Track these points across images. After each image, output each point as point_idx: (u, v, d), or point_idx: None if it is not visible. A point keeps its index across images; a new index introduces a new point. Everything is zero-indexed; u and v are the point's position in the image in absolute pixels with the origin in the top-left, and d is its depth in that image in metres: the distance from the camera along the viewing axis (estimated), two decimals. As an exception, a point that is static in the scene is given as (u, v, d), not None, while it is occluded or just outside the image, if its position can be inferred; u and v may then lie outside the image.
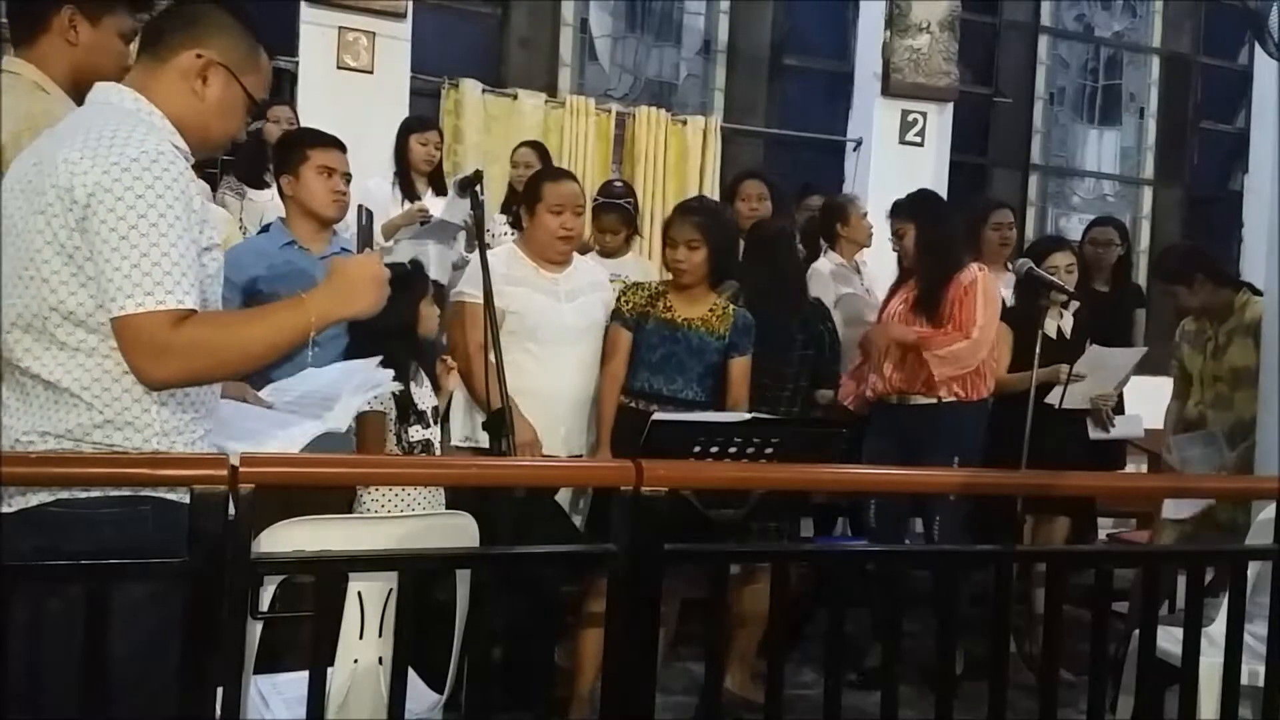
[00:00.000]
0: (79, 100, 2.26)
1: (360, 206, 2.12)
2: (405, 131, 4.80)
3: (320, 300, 1.76)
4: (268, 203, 4.17)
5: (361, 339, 2.91)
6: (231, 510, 1.64)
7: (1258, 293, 4.13)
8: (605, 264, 4.34)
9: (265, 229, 3.41)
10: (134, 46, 2.38)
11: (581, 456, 3.40)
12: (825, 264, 4.73)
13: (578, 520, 3.35)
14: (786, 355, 3.75)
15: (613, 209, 4.37)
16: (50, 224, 1.63)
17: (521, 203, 3.35)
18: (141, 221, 1.60)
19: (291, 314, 1.73)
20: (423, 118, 5.13)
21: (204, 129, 1.81)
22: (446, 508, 2.91)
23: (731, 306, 3.58)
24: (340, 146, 3.17)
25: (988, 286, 3.94)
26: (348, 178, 3.17)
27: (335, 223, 3.17)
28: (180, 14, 1.86)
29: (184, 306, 1.62)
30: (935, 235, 4.02)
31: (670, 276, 3.59)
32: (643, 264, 4.44)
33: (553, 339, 3.35)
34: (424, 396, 3.11)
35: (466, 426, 3.44)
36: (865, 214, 4.89)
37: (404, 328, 3.04)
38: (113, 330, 1.62)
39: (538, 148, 5.03)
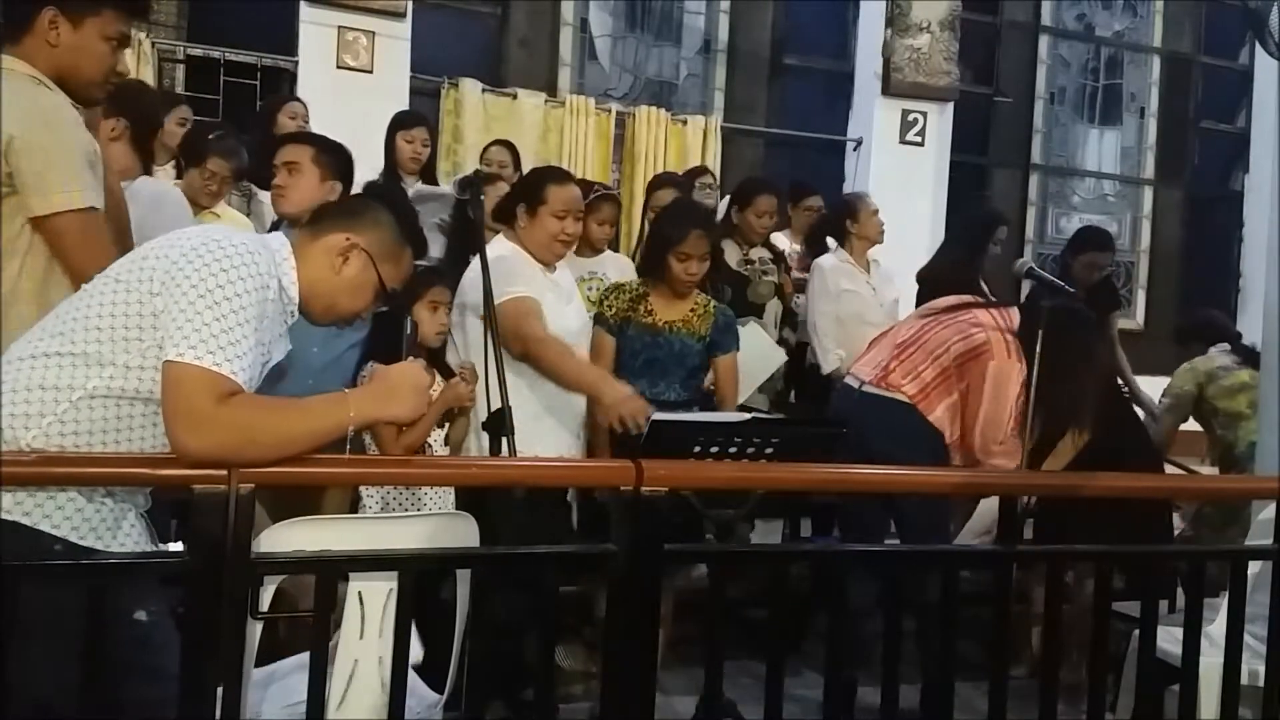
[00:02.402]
0: (75, 94, 2.29)
1: (407, 319, 2.18)
2: (393, 128, 4.61)
3: (361, 400, 1.86)
4: None
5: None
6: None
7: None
8: (582, 263, 4.31)
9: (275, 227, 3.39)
10: (129, 54, 2.42)
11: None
12: (828, 260, 4.71)
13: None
14: None
15: (609, 199, 4.36)
16: (138, 276, 1.73)
17: (521, 200, 3.31)
18: (220, 291, 1.70)
19: (333, 410, 1.81)
20: (411, 113, 4.89)
21: (331, 300, 1.96)
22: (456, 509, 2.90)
23: (712, 303, 3.56)
24: (314, 142, 3.14)
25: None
26: None
27: None
28: (346, 203, 2.13)
29: (235, 379, 1.68)
30: None
31: (642, 280, 3.57)
32: (620, 262, 4.38)
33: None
34: None
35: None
36: (876, 211, 4.85)
37: (396, 327, 3.05)
38: (163, 378, 1.67)
39: (510, 147, 4.90)
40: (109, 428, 1.74)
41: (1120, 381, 4.89)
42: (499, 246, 3.24)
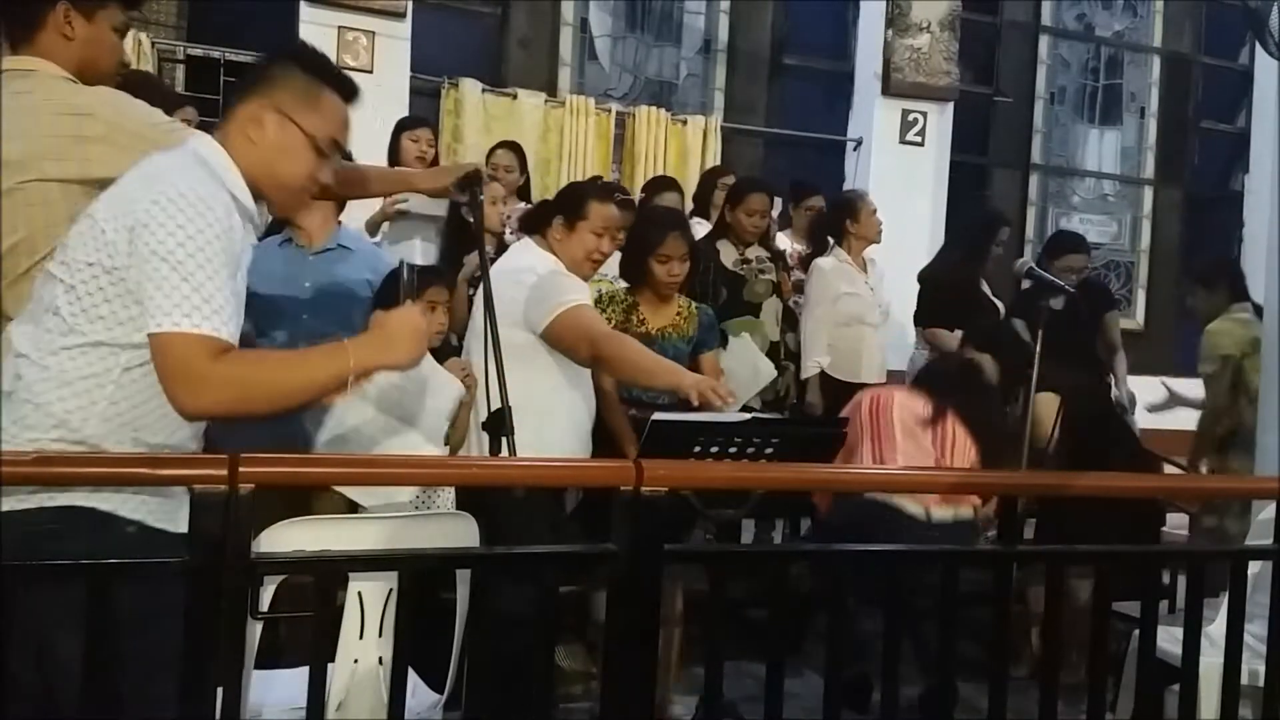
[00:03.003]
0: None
1: (401, 260, 2.15)
2: (397, 131, 4.73)
3: (360, 349, 1.81)
4: None
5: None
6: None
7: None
8: None
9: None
10: (127, 41, 2.42)
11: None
12: (827, 262, 4.71)
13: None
14: None
15: (625, 204, 4.36)
16: (105, 253, 1.69)
17: (560, 213, 3.18)
18: (182, 250, 1.67)
19: (331, 359, 1.78)
20: (415, 116, 5.01)
21: (271, 174, 1.87)
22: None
23: (692, 304, 3.61)
24: None
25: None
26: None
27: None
28: (250, 71, 1.99)
29: (222, 337, 1.67)
30: None
31: (628, 289, 3.59)
32: None
33: None
34: None
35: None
36: (875, 210, 4.84)
37: None
38: (152, 348, 1.67)
39: (516, 150, 4.92)
40: (158, 391, 1.72)
41: (1113, 383, 4.86)
42: (542, 258, 3.13)
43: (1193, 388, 4.56)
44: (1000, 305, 4.78)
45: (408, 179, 2.76)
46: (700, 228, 4.84)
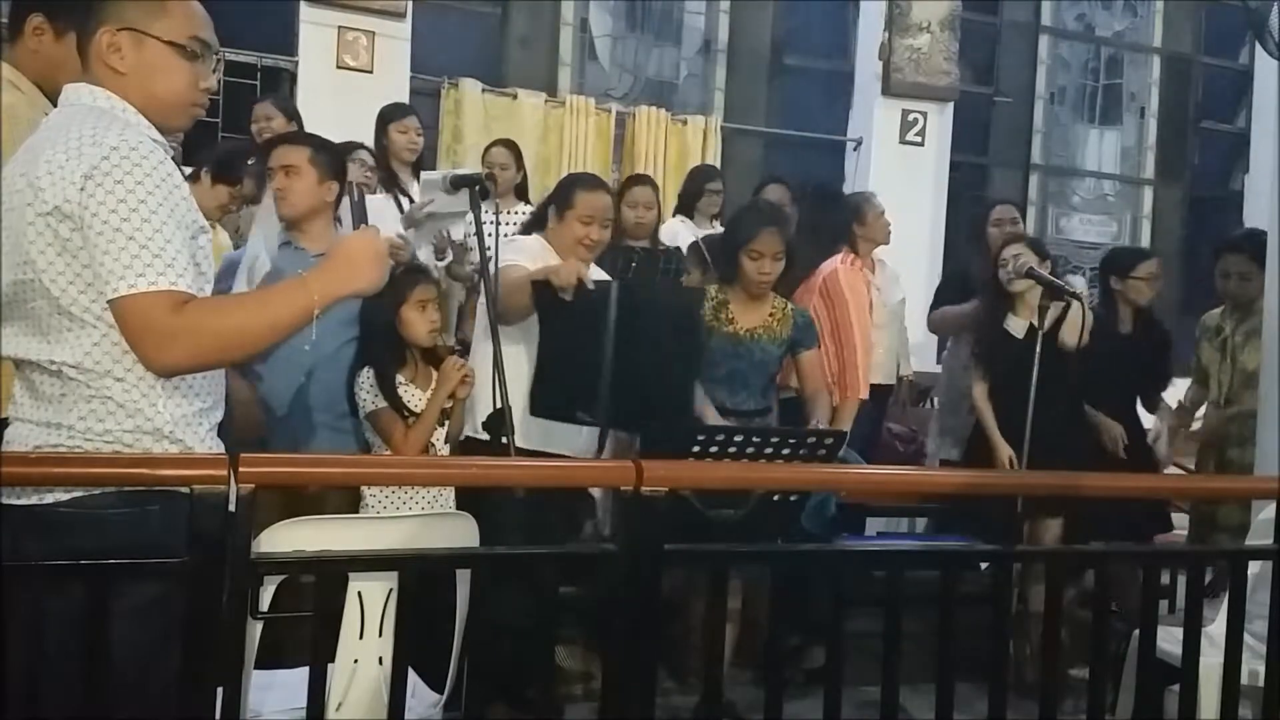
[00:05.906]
0: (53, 100, 2.30)
1: (351, 184, 2.05)
2: (383, 122, 4.63)
3: (321, 279, 1.74)
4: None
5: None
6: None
7: None
8: None
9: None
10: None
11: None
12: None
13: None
14: None
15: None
16: (49, 227, 1.64)
17: (552, 202, 3.32)
18: (125, 207, 1.62)
19: (293, 294, 1.73)
20: (400, 105, 4.90)
21: (149, 96, 1.77)
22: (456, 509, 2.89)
23: (789, 306, 3.57)
24: (310, 143, 3.13)
25: (840, 286, 3.79)
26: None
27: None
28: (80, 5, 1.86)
29: (179, 289, 1.62)
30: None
31: (720, 286, 3.55)
32: None
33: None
34: (414, 397, 3.10)
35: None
36: (883, 212, 4.84)
37: (385, 330, 3.05)
38: (114, 315, 1.63)
39: (511, 147, 4.84)
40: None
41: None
42: (529, 241, 3.26)
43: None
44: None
45: None
46: (684, 227, 4.84)
